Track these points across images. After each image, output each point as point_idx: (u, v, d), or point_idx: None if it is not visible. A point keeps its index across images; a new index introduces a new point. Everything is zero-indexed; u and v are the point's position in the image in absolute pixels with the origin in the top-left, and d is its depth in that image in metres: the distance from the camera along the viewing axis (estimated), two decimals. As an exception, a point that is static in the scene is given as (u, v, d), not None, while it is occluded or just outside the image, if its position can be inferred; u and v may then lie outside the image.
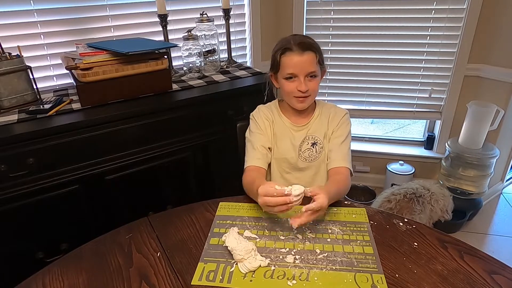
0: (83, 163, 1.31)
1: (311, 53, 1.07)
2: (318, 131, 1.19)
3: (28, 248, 1.30)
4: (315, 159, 1.19)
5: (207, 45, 1.75)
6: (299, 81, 1.09)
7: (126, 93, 1.43)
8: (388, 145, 2.43)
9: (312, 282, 0.75)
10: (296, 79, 1.09)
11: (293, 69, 1.08)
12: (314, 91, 1.12)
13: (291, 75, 1.09)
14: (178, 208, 1.02)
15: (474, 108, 1.93)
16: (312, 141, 1.18)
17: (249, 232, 0.90)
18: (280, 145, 1.19)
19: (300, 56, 1.07)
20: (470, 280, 0.75)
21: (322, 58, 1.11)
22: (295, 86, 1.09)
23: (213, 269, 0.79)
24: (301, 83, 1.08)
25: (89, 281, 0.78)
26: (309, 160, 1.19)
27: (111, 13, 1.66)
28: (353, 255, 0.82)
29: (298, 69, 1.08)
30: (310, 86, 1.10)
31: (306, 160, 1.19)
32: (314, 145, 1.18)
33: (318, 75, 1.11)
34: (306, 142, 1.18)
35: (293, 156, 1.19)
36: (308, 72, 1.08)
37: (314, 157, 1.19)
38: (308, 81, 1.09)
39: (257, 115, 1.22)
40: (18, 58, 1.33)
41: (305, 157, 1.19)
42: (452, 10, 1.94)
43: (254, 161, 1.13)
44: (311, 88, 1.10)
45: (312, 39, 1.12)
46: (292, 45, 1.07)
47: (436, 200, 1.77)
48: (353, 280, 0.75)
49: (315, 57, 1.08)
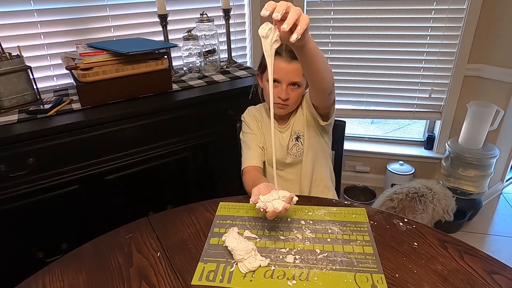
0: (83, 163, 1.31)
1: (299, 63, 1.01)
2: (299, 123, 1.19)
3: (28, 248, 1.30)
4: (303, 152, 1.20)
5: (207, 45, 1.75)
6: (281, 88, 1.07)
7: (126, 93, 1.43)
8: (388, 145, 2.43)
9: (312, 282, 0.75)
10: (279, 85, 1.07)
11: (278, 75, 1.05)
12: (294, 101, 1.11)
13: (275, 80, 1.06)
14: (178, 208, 1.02)
15: (474, 108, 1.93)
16: (295, 135, 1.19)
17: (249, 232, 0.90)
18: (270, 146, 1.17)
19: (287, 63, 1.04)
20: (470, 280, 0.75)
21: None
22: (277, 92, 1.08)
23: (213, 269, 0.79)
24: (282, 91, 1.07)
25: (89, 281, 0.78)
26: (298, 155, 1.20)
27: (111, 13, 1.66)
28: (353, 255, 0.82)
29: (282, 76, 1.06)
30: (291, 95, 1.08)
31: (295, 156, 1.20)
32: (298, 139, 1.19)
33: (302, 85, 1.09)
34: (291, 139, 1.19)
35: (283, 156, 1.20)
36: (291, 81, 1.07)
37: (302, 150, 1.19)
38: (290, 90, 1.08)
39: (247, 116, 1.23)
40: (18, 58, 1.33)
41: (294, 153, 1.20)
42: (452, 10, 1.94)
43: (251, 161, 1.14)
44: (291, 97, 1.09)
45: None
46: (282, 50, 1.04)
47: (438, 200, 1.77)
48: (353, 280, 0.75)
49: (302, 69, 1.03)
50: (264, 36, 0.74)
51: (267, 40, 0.74)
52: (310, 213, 0.96)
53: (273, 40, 0.74)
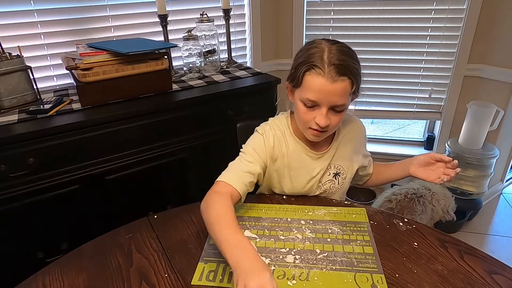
0: (83, 163, 1.31)
1: (346, 81, 0.82)
2: (343, 157, 0.99)
3: (28, 248, 1.30)
4: (336, 192, 1.02)
5: (207, 45, 1.75)
6: (320, 113, 0.84)
7: (126, 93, 1.43)
8: (388, 145, 2.43)
9: (312, 282, 0.75)
10: (317, 109, 0.85)
11: (317, 96, 0.83)
12: (335, 126, 0.89)
13: (312, 103, 0.85)
14: (178, 208, 1.02)
15: (474, 108, 1.93)
16: (335, 171, 0.99)
17: (249, 232, 0.90)
18: (296, 180, 0.98)
19: (331, 83, 0.80)
20: (470, 280, 0.75)
21: (359, 85, 0.87)
22: (314, 116, 0.86)
23: (213, 269, 0.79)
24: (321, 117, 0.84)
25: (89, 281, 0.78)
26: (328, 193, 1.01)
27: (111, 13, 1.66)
28: (353, 255, 0.82)
29: (323, 98, 0.83)
30: (333, 120, 0.86)
31: (325, 192, 1.01)
32: (337, 176, 0.99)
33: (347, 107, 0.87)
34: (327, 172, 0.98)
35: (312, 190, 1.00)
36: (335, 105, 0.84)
37: (336, 190, 1.01)
38: (332, 115, 0.86)
39: (268, 136, 0.96)
40: (18, 58, 1.33)
41: (325, 189, 1.01)
42: (452, 10, 1.94)
43: (239, 184, 0.88)
44: (333, 122, 0.86)
45: (353, 56, 0.85)
46: (324, 65, 0.81)
47: (437, 200, 1.77)
48: (353, 280, 0.75)
49: (350, 87, 0.83)
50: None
51: None
52: (310, 213, 0.96)
53: None
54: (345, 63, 0.82)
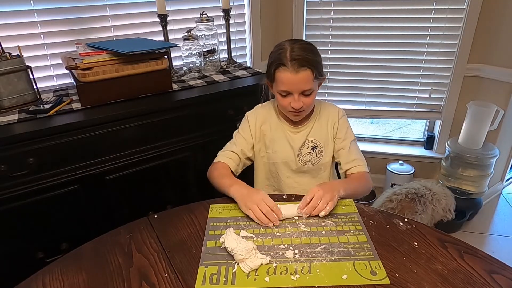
0: (83, 163, 1.31)
1: (307, 70, 1.02)
2: (318, 134, 1.17)
3: (28, 248, 1.30)
4: (315, 163, 1.18)
5: (207, 45, 1.75)
6: (293, 99, 1.05)
7: (126, 93, 1.43)
8: (388, 145, 2.43)
9: (314, 274, 0.77)
10: (290, 96, 1.06)
11: (287, 87, 1.04)
12: (309, 106, 1.09)
13: (285, 92, 1.06)
14: (178, 208, 1.02)
15: (474, 108, 1.93)
16: (312, 144, 1.17)
17: (245, 231, 0.90)
18: (279, 148, 1.18)
19: (294, 74, 1.01)
20: (470, 280, 0.75)
21: (320, 71, 1.06)
22: (289, 102, 1.06)
23: (215, 272, 0.78)
24: (295, 101, 1.05)
25: (89, 281, 0.78)
26: (309, 164, 1.18)
27: (111, 13, 1.66)
28: (349, 245, 0.85)
29: (292, 87, 1.04)
30: (305, 102, 1.06)
31: (306, 164, 1.18)
32: (314, 149, 1.17)
33: (314, 89, 1.07)
34: (306, 145, 1.17)
35: (293, 160, 1.18)
36: (303, 90, 1.04)
37: (314, 161, 1.17)
38: (303, 98, 1.06)
39: (251, 117, 1.20)
40: (18, 58, 1.33)
41: (305, 161, 1.17)
42: (452, 10, 1.94)
43: (228, 160, 1.16)
44: (305, 103, 1.07)
45: (310, 49, 1.05)
46: (287, 61, 1.01)
47: (438, 200, 1.77)
48: (353, 268, 0.78)
49: (311, 74, 1.03)
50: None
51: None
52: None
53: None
54: (303, 57, 1.01)
